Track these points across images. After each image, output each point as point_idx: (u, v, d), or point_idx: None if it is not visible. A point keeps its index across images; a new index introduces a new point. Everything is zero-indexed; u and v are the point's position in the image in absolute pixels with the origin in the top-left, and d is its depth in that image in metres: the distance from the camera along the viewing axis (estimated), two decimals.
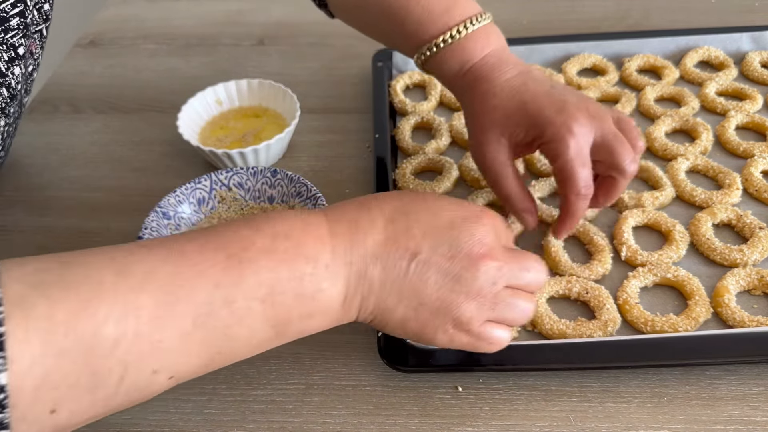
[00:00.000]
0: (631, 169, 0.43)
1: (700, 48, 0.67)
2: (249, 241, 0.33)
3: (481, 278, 0.35)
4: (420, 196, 0.38)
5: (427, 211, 0.37)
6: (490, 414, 0.41)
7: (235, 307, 0.31)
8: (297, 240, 0.34)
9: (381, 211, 0.36)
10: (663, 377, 0.42)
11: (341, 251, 0.34)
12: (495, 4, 0.82)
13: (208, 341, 0.31)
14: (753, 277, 0.46)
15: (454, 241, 0.35)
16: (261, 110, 0.65)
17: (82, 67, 0.77)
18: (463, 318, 0.36)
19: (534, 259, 0.38)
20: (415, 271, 0.35)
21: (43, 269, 0.28)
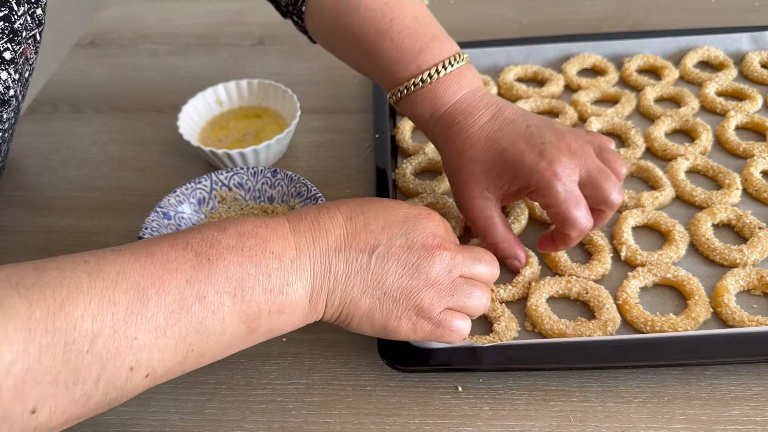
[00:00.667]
0: (618, 201, 0.43)
1: (700, 48, 0.67)
2: (215, 240, 0.34)
3: (437, 266, 0.38)
4: (374, 198, 0.41)
5: (383, 209, 0.39)
6: (490, 414, 0.41)
7: (207, 301, 0.32)
8: (262, 238, 0.35)
9: (339, 210, 0.39)
10: (663, 377, 0.42)
11: (304, 247, 0.36)
12: (495, 4, 0.82)
13: (182, 337, 0.32)
14: (753, 277, 0.46)
15: (410, 234, 0.38)
16: (261, 110, 0.65)
17: (82, 67, 0.77)
18: (425, 304, 0.37)
19: (485, 252, 0.41)
20: (377, 262, 0.37)
21: (18, 273, 0.29)
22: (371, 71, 0.50)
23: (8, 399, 0.27)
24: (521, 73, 0.67)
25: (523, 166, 0.42)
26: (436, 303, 0.38)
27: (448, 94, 0.45)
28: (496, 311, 0.45)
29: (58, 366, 0.28)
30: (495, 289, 0.46)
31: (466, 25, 0.79)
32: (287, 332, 0.37)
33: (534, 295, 0.45)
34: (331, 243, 0.37)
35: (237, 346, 0.35)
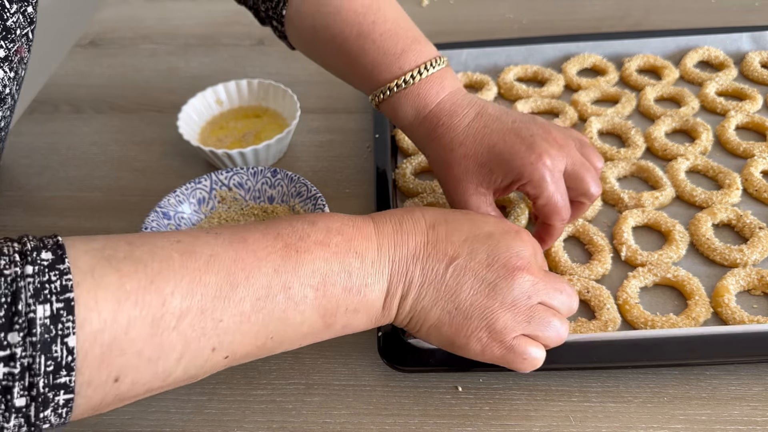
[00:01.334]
0: (597, 192, 0.44)
1: (700, 48, 0.67)
2: (305, 233, 0.35)
3: (516, 289, 0.36)
4: (463, 210, 0.41)
5: (468, 221, 0.39)
6: (490, 414, 0.41)
7: (291, 292, 0.33)
8: (348, 236, 0.36)
9: (424, 217, 0.38)
10: (663, 377, 0.42)
11: (385, 250, 0.36)
12: (495, 4, 0.82)
13: (264, 324, 0.32)
14: (753, 277, 0.46)
15: (493, 250, 0.37)
16: (261, 110, 0.65)
17: (82, 67, 0.77)
18: (497, 326, 0.36)
19: (567, 284, 0.39)
20: (453, 275, 0.36)
21: (111, 246, 0.30)
22: (352, 74, 0.49)
23: (94, 365, 0.27)
24: (521, 73, 0.67)
25: (516, 159, 0.42)
26: (511, 327, 0.36)
27: (431, 95, 0.46)
28: None
29: (144, 339, 0.29)
30: None
31: (466, 25, 0.79)
32: (360, 331, 0.37)
33: None
34: (411, 249, 0.37)
35: (311, 339, 0.36)
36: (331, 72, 0.53)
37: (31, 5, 0.46)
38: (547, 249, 0.49)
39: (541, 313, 0.37)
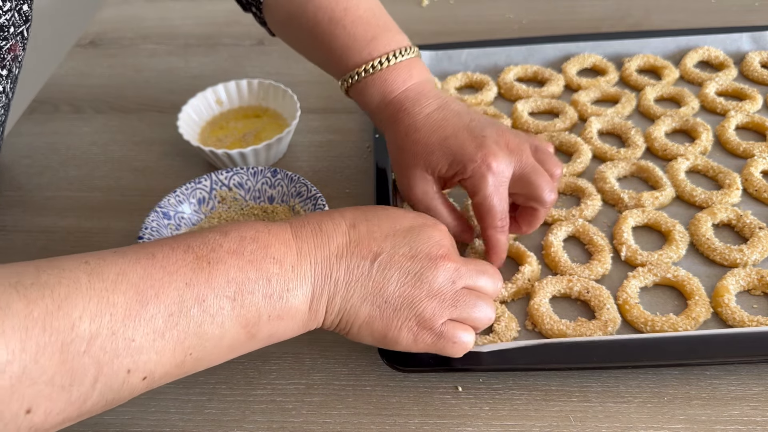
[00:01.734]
0: (550, 199, 0.44)
1: (700, 48, 0.67)
2: (216, 244, 0.34)
3: (440, 276, 0.38)
4: (379, 207, 0.41)
5: (387, 218, 0.39)
6: (490, 414, 0.41)
7: (206, 305, 0.32)
8: (264, 242, 0.35)
9: (343, 218, 0.39)
10: (663, 377, 0.42)
11: (306, 253, 0.36)
12: (495, 4, 0.82)
13: (180, 340, 0.32)
14: (753, 277, 0.46)
15: (414, 243, 0.38)
16: (261, 110, 0.65)
17: (82, 67, 0.77)
18: (426, 314, 0.37)
19: (489, 266, 0.41)
20: (378, 269, 0.37)
21: (18, 272, 0.29)
22: (324, 59, 0.51)
23: (4, 398, 0.27)
24: (521, 73, 0.67)
25: (463, 155, 0.43)
26: (438, 314, 0.37)
27: (398, 81, 0.47)
28: (496, 311, 0.45)
29: (54, 366, 0.28)
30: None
31: (466, 25, 0.79)
32: (287, 338, 0.37)
33: (537, 294, 0.45)
34: (333, 249, 0.37)
35: (236, 351, 0.35)
36: (307, 58, 0.54)
37: (26, 3, 0.46)
38: (546, 248, 0.49)
39: (466, 296, 0.38)
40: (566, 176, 0.55)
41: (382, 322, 0.37)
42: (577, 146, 0.57)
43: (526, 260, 0.48)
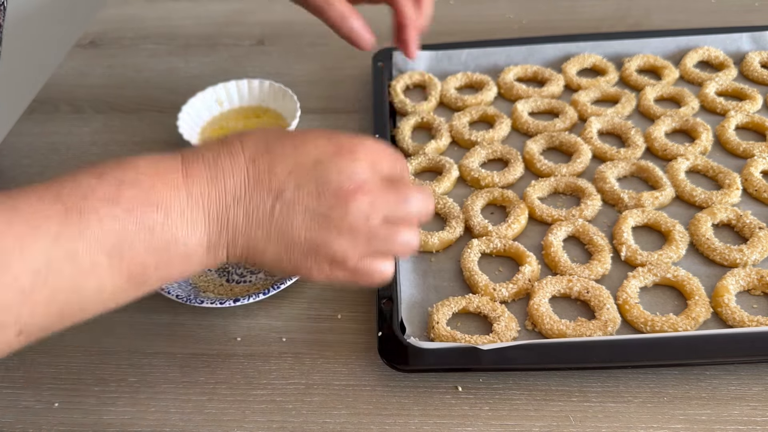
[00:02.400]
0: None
1: (700, 48, 0.67)
2: (89, 189, 0.30)
3: (352, 214, 0.34)
4: (287, 133, 0.36)
5: (293, 148, 0.35)
6: (489, 414, 0.41)
7: (79, 260, 0.29)
8: (146, 186, 0.31)
9: (243, 150, 0.34)
10: (663, 377, 0.42)
11: (197, 196, 0.32)
12: (495, 4, 0.82)
13: (53, 297, 0.29)
14: (753, 277, 0.46)
15: (321, 179, 0.34)
16: (261, 110, 0.65)
17: (82, 67, 0.77)
18: (337, 256, 0.35)
19: (416, 190, 0.37)
20: (281, 212, 0.34)
21: None
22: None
23: None
24: (521, 73, 0.67)
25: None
26: (351, 254, 0.35)
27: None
28: (496, 311, 0.45)
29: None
30: (496, 288, 0.46)
31: (466, 25, 0.79)
32: (190, 274, 0.34)
33: (537, 294, 0.45)
34: (229, 189, 0.33)
35: (122, 299, 0.32)
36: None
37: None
38: (546, 248, 0.49)
39: (383, 231, 0.35)
40: (566, 176, 0.55)
41: (290, 264, 0.35)
42: (577, 146, 0.57)
43: (525, 260, 0.48)
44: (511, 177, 0.56)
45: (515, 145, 0.59)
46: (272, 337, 0.46)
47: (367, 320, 0.47)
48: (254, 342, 0.46)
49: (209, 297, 0.46)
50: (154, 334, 0.47)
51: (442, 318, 0.44)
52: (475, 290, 0.47)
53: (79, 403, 0.43)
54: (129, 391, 0.44)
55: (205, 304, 0.45)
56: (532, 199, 0.53)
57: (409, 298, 0.47)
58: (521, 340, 0.43)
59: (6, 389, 0.44)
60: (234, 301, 0.45)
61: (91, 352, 0.46)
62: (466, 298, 0.46)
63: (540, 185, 0.54)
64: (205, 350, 0.46)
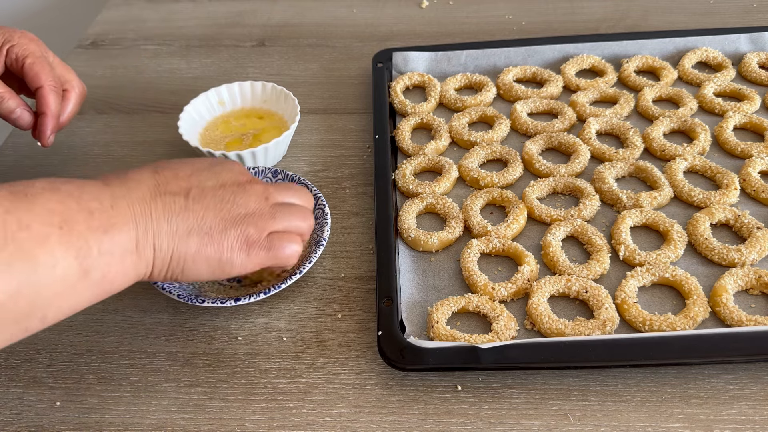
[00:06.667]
0: None
1: (699, 49, 0.67)
2: (29, 183, 0.34)
3: (252, 197, 0.41)
4: (171, 159, 0.42)
5: (185, 162, 0.41)
6: (489, 412, 0.41)
7: (32, 231, 0.31)
8: (77, 184, 0.35)
9: (144, 168, 0.40)
10: (661, 376, 0.42)
11: (120, 196, 0.36)
12: (494, 5, 0.83)
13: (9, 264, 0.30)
14: (751, 277, 0.46)
15: (218, 176, 0.41)
16: (263, 112, 0.65)
17: (83, 68, 0.78)
18: (250, 231, 0.40)
19: (292, 185, 0.45)
20: (194, 202, 0.38)
21: None
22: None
23: None
24: (520, 73, 0.67)
25: None
26: (261, 228, 0.40)
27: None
28: (495, 310, 0.45)
29: None
30: (495, 287, 0.46)
31: (465, 26, 0.79)
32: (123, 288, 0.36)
33: (536, 293, 0.46)
34: (144, 192, 0.37)
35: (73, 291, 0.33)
36: None
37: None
38: (544, 248, 0.49)
39: (282, 208, 0.42)
40: (565, 176, 0.55)
41: (212, 246, 0.38)
42: (575, 147, 0.58)
43: (524, 260, 0.48)
44: (510, 177, 0.56)
45: (514, 145, 0.60)
46: (273, 336, 0.47)
47: (367, 320, 0.47)
48: (255, 341, 0.46)
49: (210, 296, 0.46)
50: (156, 333, 0.47)
51: (442, 317, 0.45)
52: (475, 290, 0.47)
53: (81, 402, 0.43)
54: (130, 390, 0.44)
55: (206, 303, 0.45)
56: (531, 199, 0.53)
57: (409, 298, 0.47)
58: (520, 340, 0.43)
59: (8, 388, 0.45)
60: (235, 300, 0.45)
61: (92, 351, 0.47)
62: (465, 298, 0.46)
63: (539, 185, 0.54)
64: (206, 349, 0.46)
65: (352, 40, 0.79)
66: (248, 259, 0.39)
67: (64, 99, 0.53)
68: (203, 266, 0.38)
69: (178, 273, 0.38)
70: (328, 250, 0.53)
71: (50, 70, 0.51)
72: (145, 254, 0.36)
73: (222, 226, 0.39)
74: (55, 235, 0.32)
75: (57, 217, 0.33)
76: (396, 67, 0.69)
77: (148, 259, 0.37)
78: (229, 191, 0.40)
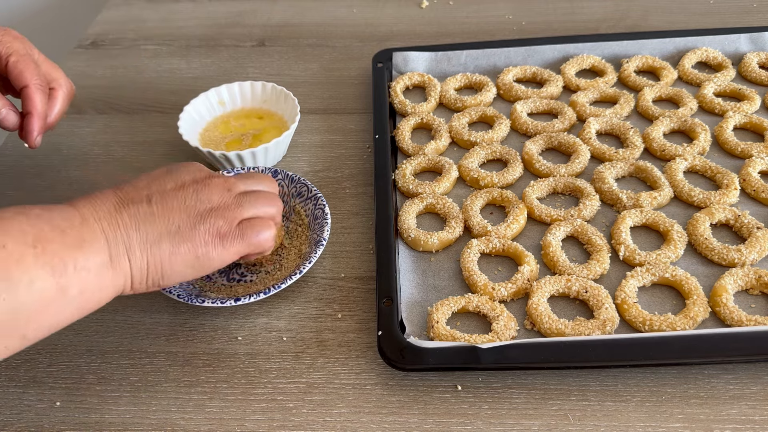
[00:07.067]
0: None
1: (699, 49, 0.67)
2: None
3: (215, 189, 0.41)
4: None
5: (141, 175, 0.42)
6: (489, 412, 0.41)
7: (8, 250, 0.32)
8: (47, 209, 0.36)
9: (103, 188, 0.40)
10: (661, 376, 0.42)
11: (87, 214, 0.37)
12: (494, 5, 0.83)
13: None
14: (751, 277, 0.46)
15: (177, 177, 0.41)
16: (263, 112, 0.65)
17: (83, 67, 0.78)
18: (220, 223, 0.40)
19: (252, 173, 0.45)
20: (157, 206, 0.39)
21: None
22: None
23: None
24: (520, 73, 0.67)
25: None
26: (231, 218, 0.41)
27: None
28: (495, 310, 0.45)
29: None
30: (495, 287, 0.46)
31: (465, 26, 0.79)
32: (103, 303, 0.37)
33: (536, 293, 0.46)
34: (109, 206, 0.38)
35: (53, 308, 0.34)
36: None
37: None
38: (544, 248, 0.49)
39: (247, 196, 0.42)
40: (565, 176, 0.55)
41: (185, 245, 0.39)
42: (575, 147, 0.58)
43: (524, 260, 0.48)
44: (510, 177, 0.56)
45: (514, 145, 0.60)
46: (273, 336, 0.47)
47: (367, 319, 0.47)
48: (255, 341, 0.46)
49: (210, 296, 0.46)
50: (156, 333, 0.48)
51: (442, 317, 0.45)
52: (475, 290, 0.47)
53: (81, 402, 0.43)
54: (130, 390, 0.44)
55: (206, 303, 0.45)
56: (531, 199, 0.53)
57: (409, 298, 0.47)
58: (520, 340, 0.43)
59: (8, 388, 0.45)
60: (235, 300, 0.45)
61: (92, 351, 0.47)
62: (465, 298, 0.46)
63: (539, 185, 0.54)
64: (206, 349, 0.46)
65: (352, 40, 0.79)
66: (224, 251, 0.40)
67: (51, 98, 0.52)
68: (181, 266, 0.39)
69: (158, 279, 0.39)
70: (328, 250, 0.53)
71: (35, 68, 0.50)
72: (121, 266, 0.37)
73: (190, 223, 0.39)
74: (30, 255, 0.33)
75: (30, 237, 0.33)
76: (396, 67, 0.69)
77: (125, 270, 0.37)
78: (191, 189, 0.40)
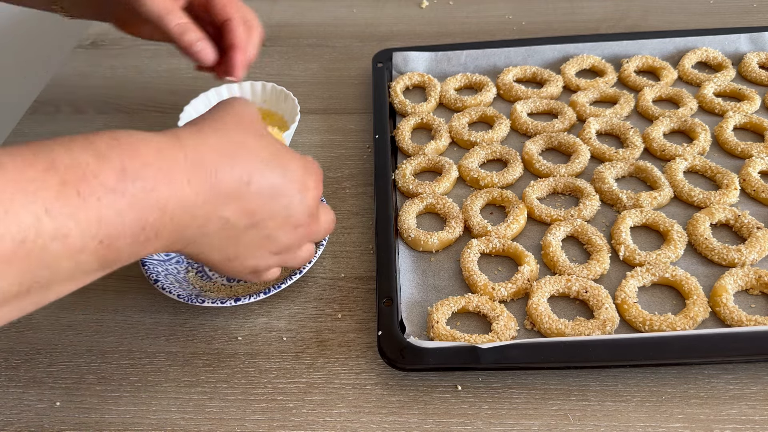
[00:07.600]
0: None
1: (699, 49, 0.67)
2: (89, 173, 0.28)
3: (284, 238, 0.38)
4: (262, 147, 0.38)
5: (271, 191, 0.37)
6: (489, 412, 0.41)
7: (69, 242, 0.27)
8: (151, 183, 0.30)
9: (243, 170, 0.36)
10: (661, 376, 0.42)
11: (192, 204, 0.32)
12: (494, 5, 0.83)
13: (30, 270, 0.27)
14: (751, 277, 0.46)
15: (290, 213, 0.37)
16: (263, 112, 0.65)
17: (83, 68, 0.78)
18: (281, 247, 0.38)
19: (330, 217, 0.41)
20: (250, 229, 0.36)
21: None
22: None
23: None
24: (520, 74, 0.67)
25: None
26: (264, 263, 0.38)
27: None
28: (495, 310, 0.45)
29: None
30: (495, 287, 0.46)
31: (465, 26, 0.79)
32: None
33: (536, 293, 0.46)
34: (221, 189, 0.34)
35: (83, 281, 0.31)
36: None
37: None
38: (545, 248, 0.49)
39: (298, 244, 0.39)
40: (565, 176, 0.55)
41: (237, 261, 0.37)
42: (575, 147, 0.58)
43: (524, 260, 0.48)
44: (510, 177, 0.56)
45: (514, 145, 0.60)
46: (273, 336, 0.47)
47: (367, 320, 0.47)
48: (255, 341, 0.46)
49: (210, 296, 0.46)
50: (156, 333, 0.48)
51: (442, 317, 0.45)
52: (475, 290, 0.47)
53: (81, 402, 0.43)
54: (130, 390, 0.44)
55: (206, 303, 0.45)
56: (531, 200, 0.53)
57: (409, 298, 0.47)
58: (520, 340, 0.43)
59: (8, 388, 0.45)
60: (235, 300, 0.45)
61: (92, 351, 0.47)
62: (465, 298, 0.46)
63: (539, 185, 0.54)
64: (206, 349, 0.46)
65: (352, 40, 0.79)
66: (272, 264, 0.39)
67: (249, 33, 0.50)
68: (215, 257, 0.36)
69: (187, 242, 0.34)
70: (328, 250, 0.53)
71: (237, 1, 0.49)
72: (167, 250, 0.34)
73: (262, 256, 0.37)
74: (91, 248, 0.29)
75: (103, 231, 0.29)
76: (396, 67, 0.69)
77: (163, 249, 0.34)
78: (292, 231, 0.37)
